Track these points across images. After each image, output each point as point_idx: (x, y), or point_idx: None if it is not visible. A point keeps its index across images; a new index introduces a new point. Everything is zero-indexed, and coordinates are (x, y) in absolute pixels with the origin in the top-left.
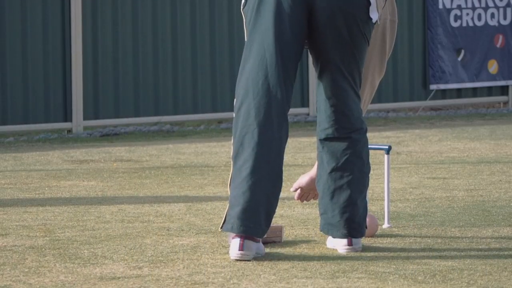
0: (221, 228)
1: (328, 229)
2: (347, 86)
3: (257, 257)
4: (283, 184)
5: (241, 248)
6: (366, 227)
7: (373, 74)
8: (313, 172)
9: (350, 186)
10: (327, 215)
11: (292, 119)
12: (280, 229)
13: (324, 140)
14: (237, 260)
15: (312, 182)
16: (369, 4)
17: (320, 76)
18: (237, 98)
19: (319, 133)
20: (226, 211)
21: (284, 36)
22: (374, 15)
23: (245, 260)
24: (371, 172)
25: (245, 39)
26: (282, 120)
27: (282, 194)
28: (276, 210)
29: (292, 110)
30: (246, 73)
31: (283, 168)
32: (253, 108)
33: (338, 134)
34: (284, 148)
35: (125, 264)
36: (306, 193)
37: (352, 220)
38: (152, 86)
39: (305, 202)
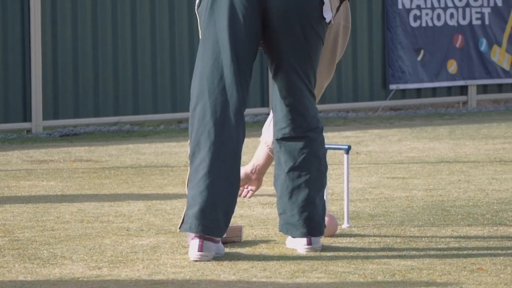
0: (180, 228)
1: (287, 228)
2: (302, 85)
3: (216, 257)
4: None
5: (201, 249)
6: (325, 226)
7: (321, 77)
8: (247, 167)
9: (308, 185)
10: (286, 215)
11: (252, 119)
12: (239, 229)
13: (281, 140)
14: (196, 260)
15: (245, 177)
16: (323, 3)
17: (275, 76)
18: (192, 97)
19: (276, 132)
20: (184, 211)
21: (238, 35)
22: (327, 15)
23: (204, 261)
24: (331, 172)
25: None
26: (238, 120)
27: None
28: (236, 209)
29: (252, 110)
30: (201, 73)
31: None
32: (209, 107)
33: (295, 133)
34: (241, 147)
35: (85, 264)
36: (242, 186)
37: (311, 219)
38: (111, 86)
39: (246, 198)
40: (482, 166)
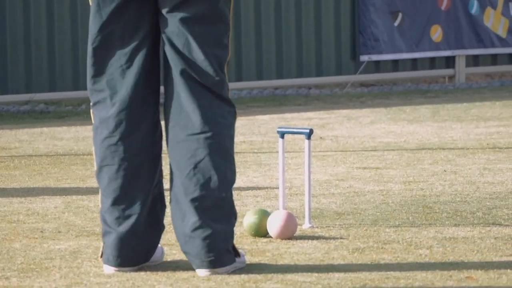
0: (101, 257)
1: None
2: (185, 74)
3: (150, 265)
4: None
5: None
6: (278, 228)
7: None
8: None
9: (198, 210)
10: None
11: None
12: None
13: (168, 144)
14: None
15: None
16: None
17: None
18: (92, 99)
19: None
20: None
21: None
22: None
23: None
24: (289, 161)
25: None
26: (150, 127)
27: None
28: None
29: None
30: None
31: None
32: (111, 118)
33: (179, 136)
34: (158, 155)
35: None
36: None
37: (212, 247)
38: (22, 57)
39: None
40: (472, 154)
